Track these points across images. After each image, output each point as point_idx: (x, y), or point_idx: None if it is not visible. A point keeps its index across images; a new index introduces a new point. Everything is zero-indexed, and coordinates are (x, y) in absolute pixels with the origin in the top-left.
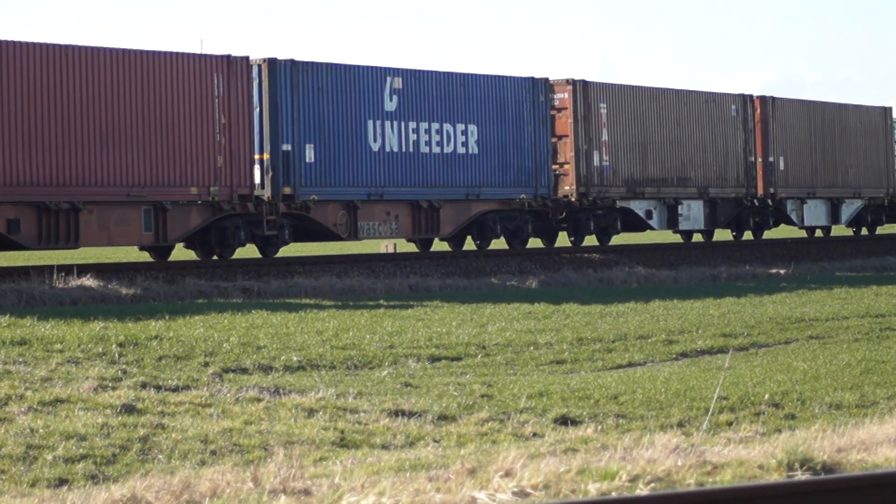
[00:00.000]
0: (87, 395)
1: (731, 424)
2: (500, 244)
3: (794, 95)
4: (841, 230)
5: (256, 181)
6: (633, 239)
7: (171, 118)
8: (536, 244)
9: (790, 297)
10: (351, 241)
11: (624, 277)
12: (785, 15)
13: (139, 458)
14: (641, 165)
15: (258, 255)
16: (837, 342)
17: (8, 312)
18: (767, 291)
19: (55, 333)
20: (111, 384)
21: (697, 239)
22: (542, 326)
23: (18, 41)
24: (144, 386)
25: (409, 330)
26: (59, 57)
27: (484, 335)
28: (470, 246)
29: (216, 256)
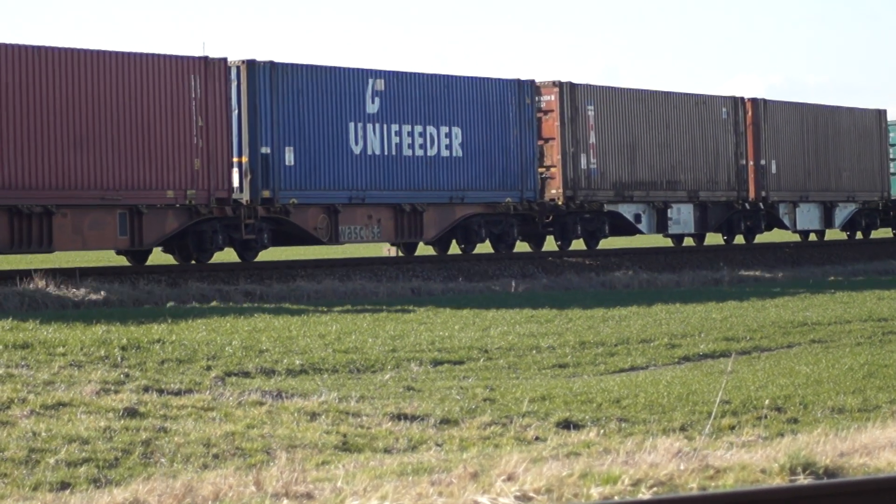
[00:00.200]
0: (89, 398)
1: (733, 428)
2: (486, 248)
3: (797, 99)
4: (836, 234)
5: (235, 184)
6: (623, 243)
7: (146, 120)
8: (524, 248)
9: (792, 300)
10: (332, 245)
11: (626, 281)
12: (788, 18)
13: (141, 461)
14: (630, 168)
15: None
16: (840, 346)
17: (10, 315)
18: (770, 295)
19: (58, 337)
20: (114, 388)
21: (689, 243)
22: (544, 330)
23: None
24: (147, 389)
25: (411, 333)
26: (32, 58)
27: (486, 339)
28: (455, 250)
29: (194, 261)
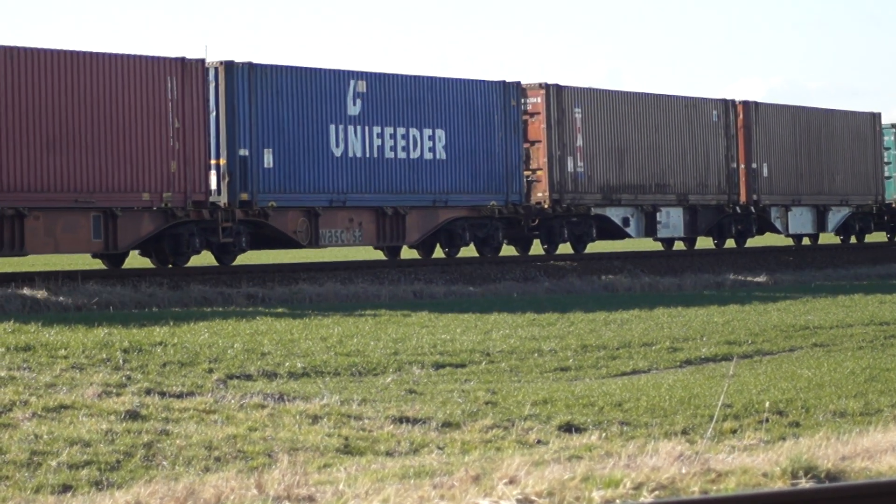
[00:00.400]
0: (91, 401)
1: (735, 432)
2: (471, 251)
3: (798, 102)
4: (829, 238)
5: (213, 187)
6: (614, 247)
7: (122, 122)
8: (510, 252)
9: (794, 304)
10: (312, 248)
11: (628, 285)
12: (790, 22)
13: (143, 464)
14: (618, 172)
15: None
16: (842, 350)
17: (12, 318)
18: (771, 299)
19: (59, 339)
20: (115, 390)
21: (679, 247)
22: (546, 333)
23: None
24: (149, 392)
25: (413, 336)
26: (4, 59)
27: (488, 342)
28: (439, 254)
29: (171, 265)
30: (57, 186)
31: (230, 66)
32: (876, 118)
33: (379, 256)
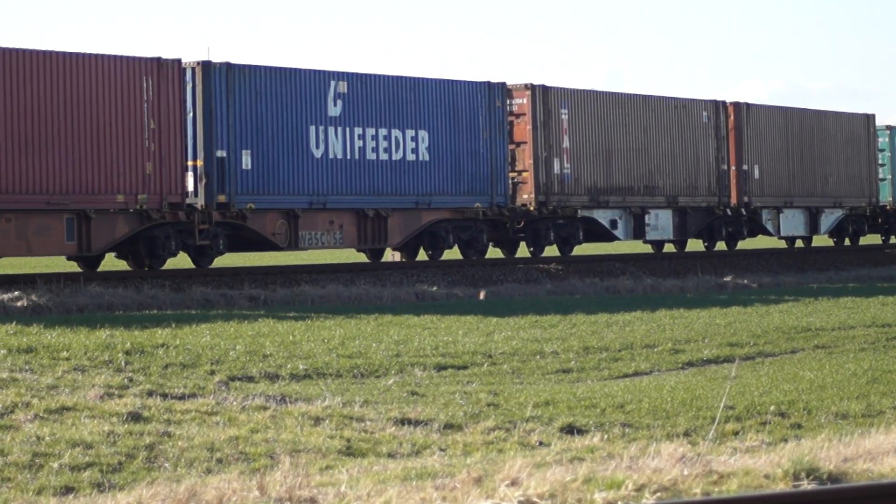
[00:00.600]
0: (93, 402)
1: (737, 434)
2: (455, 254)
3: (800, 105)
4: (823, 241)
5: (189, 189)
6: (600, 249)
7: (96, 123)
8: (496, 254)
9: (796, 306)
10: (291, 251)
11: (630, 286)
12: (792, 24)
13: (145, 466)
14: (605, 173)
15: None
16: (844, 352)
17: (14, 320)
18: (773, 301)
19: (61, 341)
20: (117, 392)
21: (669, 249)
22: (548, 335)
23: None
24: (151, 394)
25: (415, 338)
26: None
27: (490, 344)
28: (423, 257)
29: (147, 267)
30: (29, 188)
31: (207, 66)
32: (870, 119)
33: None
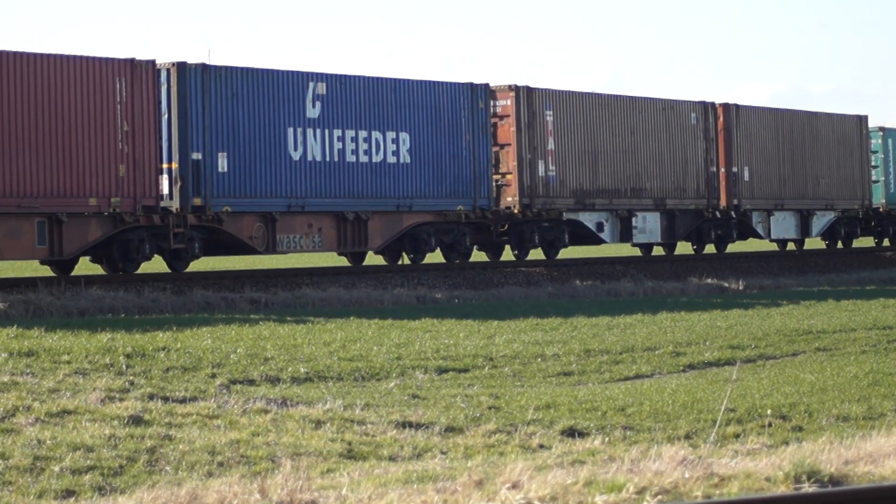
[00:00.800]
0: (94, 406)
1: (738, 436)
2: (437, 257)
3: (801, 107)
4: (815, 244)
5: (164, 191)
6: (586, 252)
7: (68, 125)
8: (481, 257)
9: (798, 308)
10: (268, 254)
11: (631, 289)
12: (793, 26)
13: (146, 469)
14: (591, 176)
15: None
16: (845, 354)
17: (15, 323)
18: (775, 303)
19: (63, 344)
20: (118, 395)
21: (658, 252)
22: (549, 338)
23: None
24: (152, 397)
25: (416, 341)
26: None
27: (491, 347)
28: (404, 260)
29: (121, 271)
30: None
31: (183, 67)
32: (862, 121)
33: (379, 261)
